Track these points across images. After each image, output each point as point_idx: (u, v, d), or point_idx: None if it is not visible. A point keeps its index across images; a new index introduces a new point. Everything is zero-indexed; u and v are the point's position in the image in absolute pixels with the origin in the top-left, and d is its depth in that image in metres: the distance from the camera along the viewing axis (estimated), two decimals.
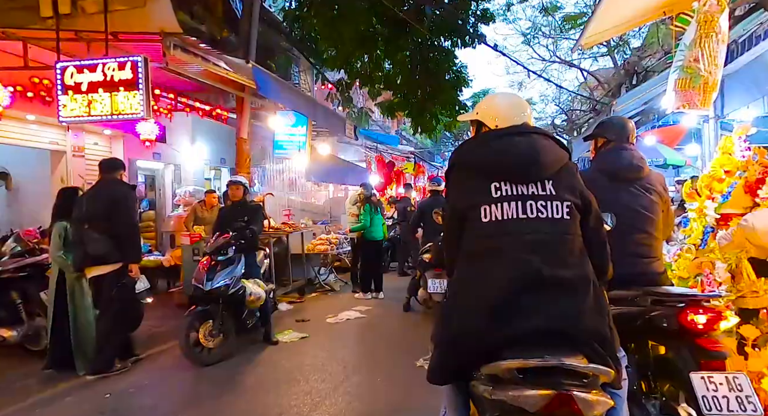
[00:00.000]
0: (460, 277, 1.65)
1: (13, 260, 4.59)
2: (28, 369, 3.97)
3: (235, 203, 4.89)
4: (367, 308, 6.02)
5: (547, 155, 1.63)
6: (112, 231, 3.78)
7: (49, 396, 3.47)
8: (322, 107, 7.53)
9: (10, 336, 4.22)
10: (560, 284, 1.50)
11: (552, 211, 1.57)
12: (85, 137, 8.25)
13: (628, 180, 2.21)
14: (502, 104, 1.79)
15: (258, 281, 4.60)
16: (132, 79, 5.35)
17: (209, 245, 4.46)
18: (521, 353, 1.39)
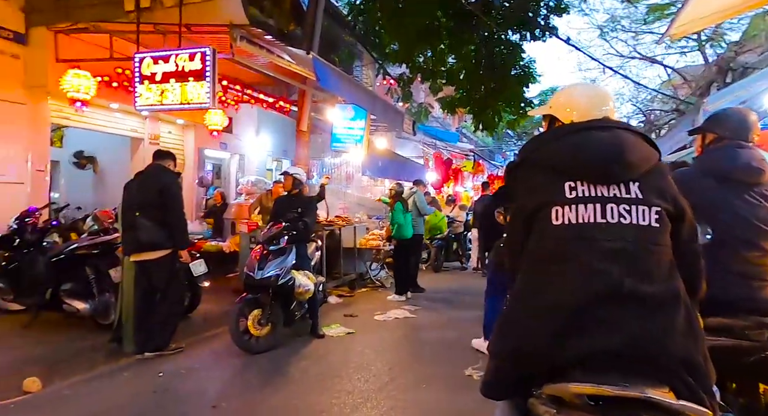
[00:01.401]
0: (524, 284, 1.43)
1: (89, 237, 4.91)
2: (96, 341, 4.20)
3: (290, 194, 4.88)
4: (417, 309, 5.82)
5: (634, 153, 1.36)
6: (161, 218, 3.87)
7: (110, 369, 3.64)
8: (381, 101, 7.39)
9: (82, 309, 4.50)
10: (643, 300, 1.26)
11: (637, 217, 1.31)
12: (160, 125, 8.74)
13: (742, 184, 1.84)
14: (580, 96, 1.54)
15: (308, 273, 4.56)
16: (200, 70, 5.52)
17: (262, 234, 4.47)
18: (593, 376, 1.17)
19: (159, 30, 5.94)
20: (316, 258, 5.29)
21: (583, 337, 1.22)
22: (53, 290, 4.51)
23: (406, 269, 6.49)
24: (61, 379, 3.43)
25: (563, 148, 1.40)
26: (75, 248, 4.59)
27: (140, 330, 3.91)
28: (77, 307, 4.49)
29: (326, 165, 11.70)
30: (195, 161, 9.36)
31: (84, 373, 3.55)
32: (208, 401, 3.12)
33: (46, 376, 3.41)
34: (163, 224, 3.88)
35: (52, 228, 5.23)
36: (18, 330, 4.44)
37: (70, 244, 4.74)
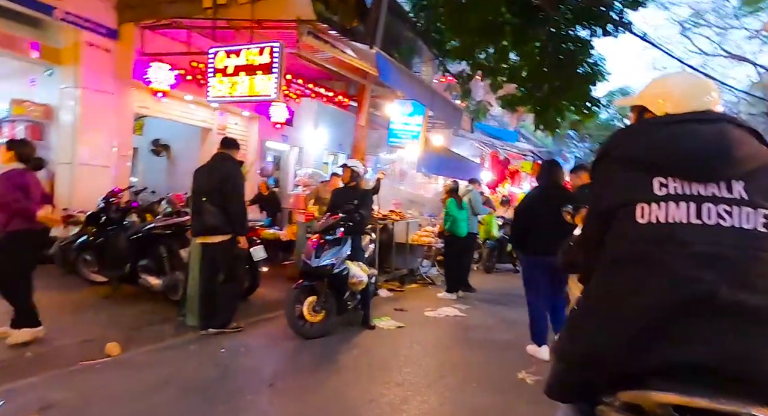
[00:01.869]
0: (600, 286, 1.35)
1: (164, 218, 5.29)
2: (166, 316, 4.53)
3: (347, 186, 4.97)
4: (467, 308, 5.73)
5: (740, 149, 1.22)
6: (223, 205, 4.06)
7: (178, 342, 3.91)
8: (440, 97, 7.33)
9: (155, 284, 4.87)
10: (742, 313, 1.14)
11: (740, 219, 1.18)
12: (228, 117, 9.22)
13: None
14: (677, 85, 1.39)
15: (361, 265, 4.62)
16: (268, 64, 5.76)
17: (320, 224, 4.59)
18: (676, 386, 1.08)
19: (232, 26, 6.26)
20: (369, 251, 5.36)
21: (667, 346, 1.13)
22: (131, 265, 4.91)
23: (458, 268, 6.40)
24: (136, 346, 3.74)
25: (654, 141, 1.30)
26: (151, 227, 4.97)
27: (205, 308, 4.16)
28: (151, 282, 4.86)
29: (381, 161, 11.79)
30: (257, 151, 9.78)
31: (156, 343, 3.84)
32: (265, 379, 3.27)
33: (124, 343, 3.73)
34: (225, 211, 4.07)
35: (132, 209, 5.68)
36: (101, 299, 4.88)
37: (147, 224, 5.13)
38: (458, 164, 9.59)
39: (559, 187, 4.11)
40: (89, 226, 5.21)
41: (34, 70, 7.10)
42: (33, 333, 3.57)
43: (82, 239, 5.24)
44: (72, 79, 6.76)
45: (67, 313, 4.37)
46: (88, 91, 6.77)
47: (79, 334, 3.84)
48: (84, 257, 5.31)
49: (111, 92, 7.03)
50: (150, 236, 4.93)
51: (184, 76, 7.53)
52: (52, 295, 4.87)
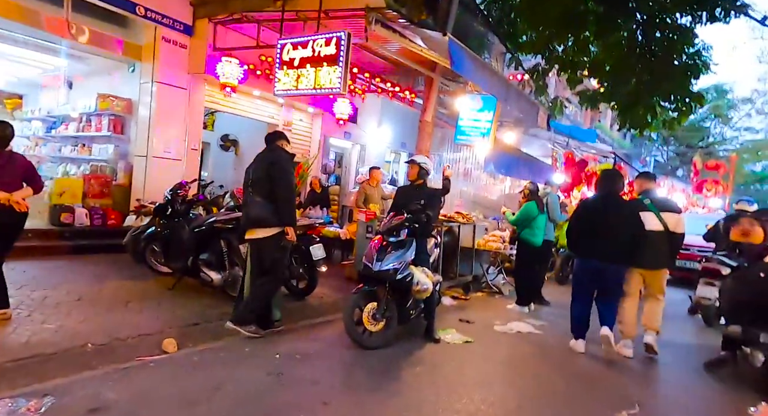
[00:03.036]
0: None
1: (225, 212, 5.19)
2: (224, 311, 4.36)
3: (413, 184, 4.54)
4: (543, 324, 5.08)
5: None
6: (270, 194, 3.75)
7: (233, 342, 3.69)
8: (515, 91, 6.68)
9: (216, 279, 4.75)
10: None
11: None
12: (293, 113, 9.17)
13: None
14: None
15: (426, 271, 4.18)
16: (335, 55, 5.48)
17: (383, 224, 4.21)
18: None
19: (300, 17, 6.06)
20: (434, 255, 4.90)
21: None
22: (194, 258, 4.84)
23: (531, 279, 5.73)
24: (192, 344, 3.58)
25: None
26: (213, 221, 4.86)
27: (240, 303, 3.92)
28: (211, 276, 4.74)
29: (444, 160, 11.26)
30: (320, 148, 9.66)
31: (211, 341, 3.66)
32: (320, 395, 2.93)
33: (181, 339, 3.59)
34: (272, 200, 3.75)
35: (198, 202, 5.66)
36: (164, 291, 4.85)
37: (210, 217, 5.04)
38: (529, 164, 8.82)
39: (617, 196, 4.27)
40: (157, 217, 5.23)
41: (118, 67, 7.43)
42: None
43: (150, 229, 5.28)
44: (149, 75, 6.95)
45: (132, 302, 4.36)
46: (163, 86, 6.93)
47: (139, 327, 3.75)
48: (152, 247, 5.36)
49: (184, 87, 7.16)
50: (212, 230, 4.83)
51: (254, 71, 7.52)
52: (121, 283, 4.94)
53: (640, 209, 4.23)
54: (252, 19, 6.64)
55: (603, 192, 4.29)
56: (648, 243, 4.10)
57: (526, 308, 5.64)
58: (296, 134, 9.32)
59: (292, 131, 9.12)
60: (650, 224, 4.16)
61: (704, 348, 4.73)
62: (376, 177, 7.32)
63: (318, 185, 8.61)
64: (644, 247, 4.08)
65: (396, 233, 4.07)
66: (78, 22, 6.29)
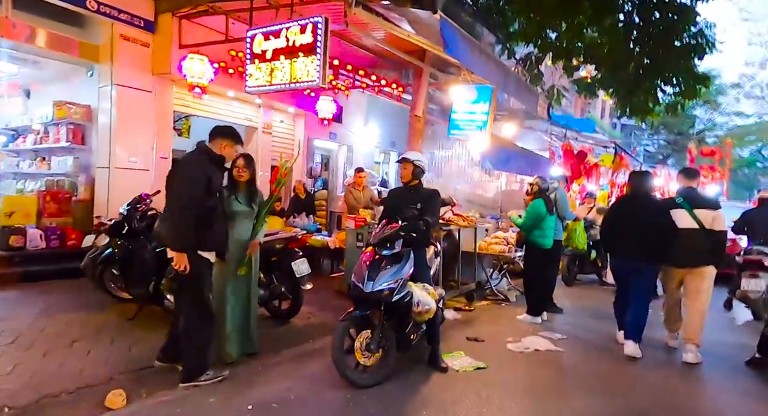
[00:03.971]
0: None
1: None
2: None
3: (408, 185, 3.86)
4: (561, 338, 4.41)
5: None
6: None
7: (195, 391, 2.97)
8: (514, 77, 6.03)
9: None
10: None
11: None
12: (273, 114, 8.44)
13: None
14: None
15: (427, 287, 3.50)
16: (311, 44, 4.79)
17: (374, 234, 3.52)
18: None
19: (272, 4, 5.36)
20: (435, 265, 4.22)
21: None
22: (156, 282, 4.12)
23: (543, 286, 5.07)
24: (147, 394, 2.86)
25: None
26: None
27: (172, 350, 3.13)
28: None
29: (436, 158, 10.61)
30: (305, 150, 8.95)
31: (170, 389, 2.94)
32: None
33: (133, 387, 2.88)
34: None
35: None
36: (122, 322, 4.12)
37: None
38: (527, 158, 8.20)
39: (648, 195, 4.27)
40: (114, 236, 4.48)
41: (77, 72, 6.65)
42: None
43: (108, 250, 4.54)
44: (108, 78, 6.20)
45: (80, 341, 3.62)
46: (123, 89, 6.18)
47: (82, 375, 3.03)
48: (111, 270, 4.62)
49: (148, 90, 6.42)
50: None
51: (225, 69, 6.80)
52: (72, 316, 4.19)
53: (671, 207, 4.14)
54: (219, 10, 5.92)
55: (634, 192, 4.32)
56: (682, 241, 3.98)
57: (539, 319, 4.99)
58: (277, 136, 8.61)
59: (272, 133, 8.41)
60: (682, 222, 4.03)
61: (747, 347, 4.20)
62: (361, 180, 6.63)
63: (302, 190, 7.90)
64: (678, 245, 3.98)
65: (390, 245, 3.39)
66: (21, 20, 5.53)
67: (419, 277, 3.57)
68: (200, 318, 2.99)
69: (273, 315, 4.55)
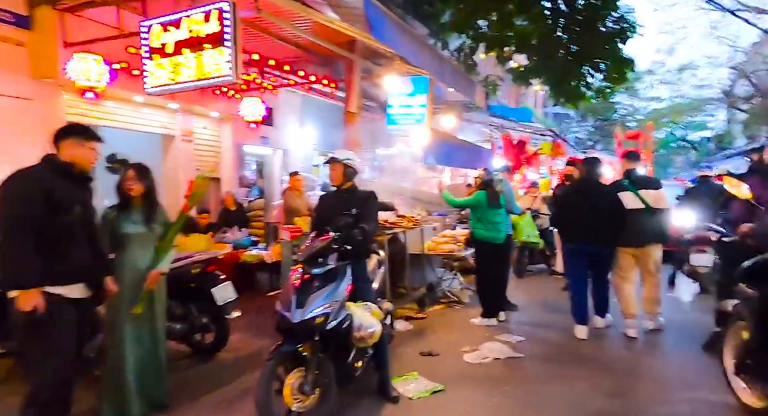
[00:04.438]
0: None
1: None
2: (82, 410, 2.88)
3: (340, 189, 3.33)
4: (519, 341, 4.09)
5: None
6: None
7: None
8: (450, 65, 5.69)
9: None
10: None
11: None
12: (193, 120, 7.54)
13: None
14: None
15: (370, 305, 2.99)
16: (218, 34, 4.10)
17: (301, 250, 2.96)
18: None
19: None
20: (380, 277, 3.73)
21: None
22: None
23: (495, 284, 4.75)
24: None
25: None
26: None
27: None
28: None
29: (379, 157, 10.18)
30: (234, 158, 8.13)
31: None
32: None
33: None
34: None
35: None
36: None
37: None
38: (469, 151, 7.98)
39: (597, 181, 4.33)
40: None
41: None
42: None
43: None
44: None
45: None
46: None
47: None
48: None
49: (28, 97, 5.36)
50: None
51: (128, 70, 5.87)
52: None
53: (618, 190, 4.23)
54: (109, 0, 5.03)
55: (585, 178, 4.38)
56: (630, 222, 4.10)
57: (494, 320, 4.66)
58: (201, 144, 7.72)
59: (194, 141, 7.52)
60: (629, 203, 4.14)
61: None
62: (298, 184, 6.01)
63: (232, 201, 7.13)
64: (628, 226, 4.10)
65: (322, 261, 2.85)
66: None
67: (360, 294, 3.06)
68: (50, 384, 2.22)
69: (195, 350, 3.84)
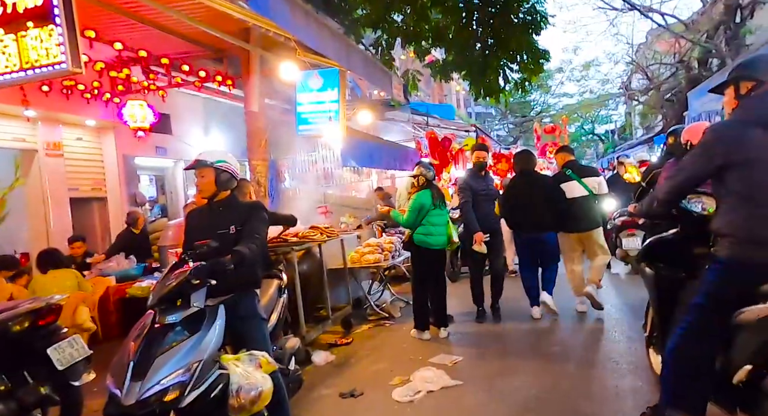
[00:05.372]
0: None
1: None
2: None
3: (213, 201, 2.53)
4: (456, 361, 3.50)
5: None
6: None
7: None
8: (358, 52, 5.03)
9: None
10: None
11: None
12: (62, 130, 6.20)
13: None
14: None
15: (256, 356, 2.20)
16: (43, 7, 3.11)
17: (152, 290, 2.11)
18: None
19: None
20: (280, 307, 2.93)
21: None
22: None
23: (436, 294, 4.15)
24: None
25: None
26: None
27: None
28: None
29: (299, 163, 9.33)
30: (122, 173, 6.85)
31: None
32: None
33: None
34: None
35: None
36: None
37: None
38: (393, 152, 7.44)
39: (534, 172, 4.57)
40: None
41: None
42: None
43: None
44: None
45: None
46: None
47: None
48: None
49: None
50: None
51: None
52: None
53: (562, 180, 4.37)
54: None
55: (521, 170, 4.52)
56: (576, 208, 4.23)
57: (426, 334, 4.08)
58: (75, 158, 6.40)
59: (65, 156, 6.17)
60: (575, 191, 4.28)
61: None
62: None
63: (143, 222, 6.01)
64: (573, 213, 4.23)
65: (182, 303, 2.03)
66: None
67: (245, 339, 2.28)
68: None
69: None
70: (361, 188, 10.11)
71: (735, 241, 1.74)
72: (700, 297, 1.82)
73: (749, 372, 1.68)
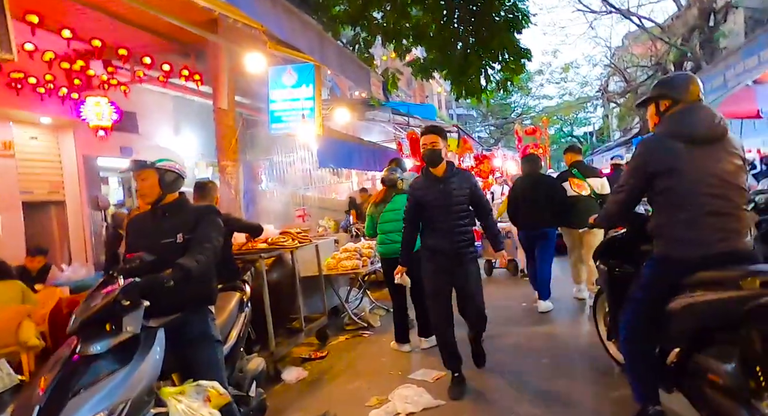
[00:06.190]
0: None
1: None
2: None
3: (156, 207, 2.18)
4: (439, 377, 3.20)
5: None
6: None
7: None
8: (334, 47, 4.70)
9: None
10: None
11: None
12: (12, 128, 5.69)
13: (709, 143, 1.90)
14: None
15: (204, 387, 1.86)
16: None
17: (75, 312, 1.75)
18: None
19: None
20: (240, 324, 2.58)
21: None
22: None
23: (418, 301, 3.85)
24: None
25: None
26: None
27: None
28: None
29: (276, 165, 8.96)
30: (83, 174, 6.36)
31: None
32: None
33: None
34: None
35: None
36: None
37: None
38: (373, 152, 7.16)
39: (539, 174, 4.79)
40: None
41: None
42: None
43: None
44: None
45: None
46: None
47: None
48: None
49: None
50: None
51: None
52: None
53: (566, 178, 4.56)
54: None
55: (527, 172, 4.80)
56: (577, 206, 4.36)
57: (407, 346, 3.79)
58: (30, 159, 5.89)
59: (16, 156, 5.65)
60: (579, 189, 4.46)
61: None
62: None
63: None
64: (575, 210, 4.35)
65: (111, 328, 1.68)
66: None
67: (194, 366, 1.95)
68: None
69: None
70: (341, 190, 9.78)
71: (664, 240, 1.95)
72: (637, 290, 2.05)
73: (678, 354, 1.92)
